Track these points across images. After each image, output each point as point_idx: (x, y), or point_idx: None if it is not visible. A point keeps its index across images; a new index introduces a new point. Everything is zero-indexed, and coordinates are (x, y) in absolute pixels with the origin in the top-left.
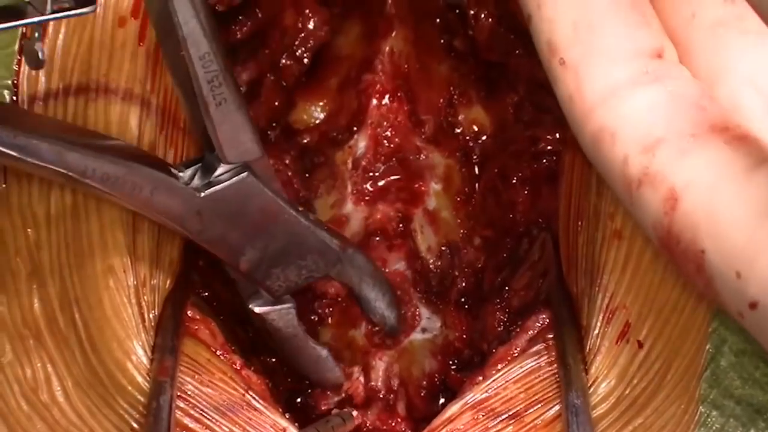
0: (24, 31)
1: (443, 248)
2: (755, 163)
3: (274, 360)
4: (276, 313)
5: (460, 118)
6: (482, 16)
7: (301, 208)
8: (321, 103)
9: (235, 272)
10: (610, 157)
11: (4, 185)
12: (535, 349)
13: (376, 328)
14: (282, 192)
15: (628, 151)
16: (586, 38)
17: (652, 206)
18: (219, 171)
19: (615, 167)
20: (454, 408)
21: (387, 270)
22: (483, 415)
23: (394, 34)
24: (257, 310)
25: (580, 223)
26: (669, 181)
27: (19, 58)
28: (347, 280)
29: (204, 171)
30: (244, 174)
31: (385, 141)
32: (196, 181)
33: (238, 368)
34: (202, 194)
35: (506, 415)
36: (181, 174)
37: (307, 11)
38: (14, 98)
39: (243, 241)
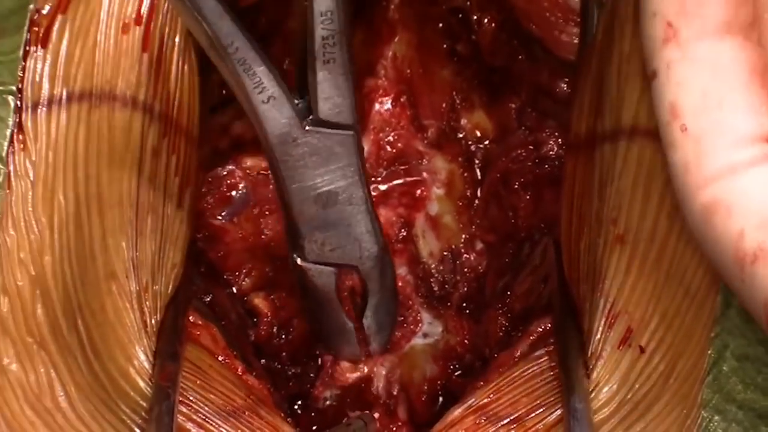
0: (27, 38)
1: (445, 253)
2: None
3: (276, 364)
4: (318, 270)
5: (462, 122)
6: (485, 21)
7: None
8: None
9: (287, 218)
10: (723, 230)
11: (7, 191)
12: (536, 353)
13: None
14: (363, 168)
15: (744, 225)
16: (714, 111)
17: (767, 282)
18: (314, 120)
19: (728, 241)
20: (455, 413)
21: None
22: (485, 420)
23: (397, 38)
24: (299, 262)
25: (582, 228)
26: None
27: (23, 64)
28: (369, 282)
29: (302, 109)
30: (350, 132)
31: (388, 146)
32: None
33: (240, 373)
34: (307, 127)
35: (508, 420)
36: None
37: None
38: (18, 104)
39: (310, 191)
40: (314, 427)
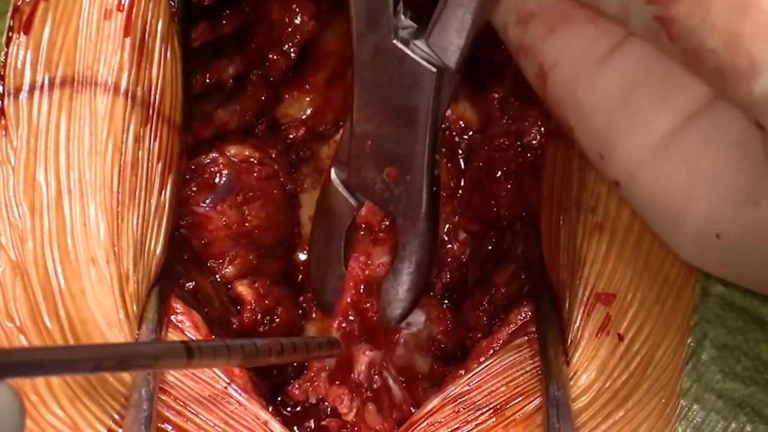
0: (11, 24)
1: None
2: (614, 45)
3: None
4: (341, 196)
5: (447, 113)
6: None
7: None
8: (307, 98)
9: (348, 130)
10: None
11: None
12: (516, 342)
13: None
14: (439, 123)
15: (506, 19)
16: None
17: (529, 75)
18: (420, 44)
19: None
20: (435, 401)
21: (371, 264)
22: (464, 408)
23: None
24: (333, 176)
25: (561, 216)
26: (538, 57)
27: (6, 50)
28: (402, 238)
29: (415, 32)
30: (433, 69)
31: None
32: (402, 31)
33: None
34: (394, 41)
35: (487, 408)
36: (402, 16)
37: (294, 6)
38: (0, 90)
39: (376, 108)
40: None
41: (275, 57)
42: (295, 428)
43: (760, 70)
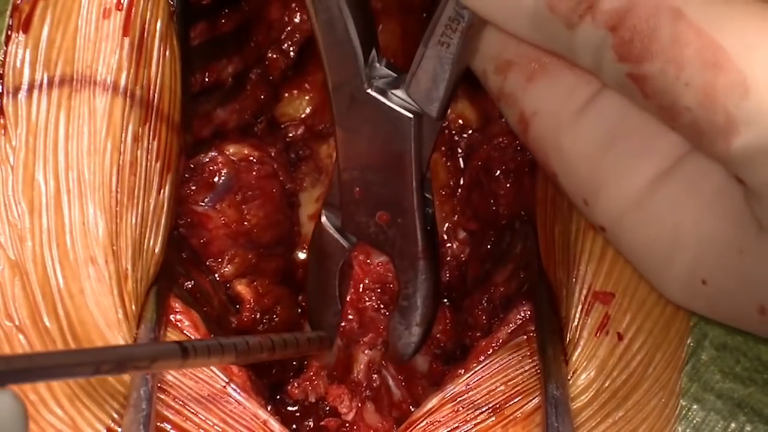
0: (10, 22)
1: None
2: (594, 92)
3: None
4: (332, 239)
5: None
6: None
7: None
8: (307, 97)
9: (336, 176)
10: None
11: None
12: (516, 341)
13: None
14: (424, 166)
15: (485, 67)
16: None
17: (510, 121)
18: (398, 93)
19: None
20: (434, 400)
21: (371, 263)
22: (463, 407)
23: (380, 28)
24: (323, 219)
25: (555, 214)
26: (519, 105)
27: (5, 48)
28: (403, 276)
29: (393, 81)
30: (410, 115)
31: None
32: (378, 81)
33: None
34: (368, 90)
35: (486, 407)
36: (377, 64)
37: (293, 5)
38: None
39: (359, 155)
40: (290, 413)
41: (274, 56)
42: (294, 427)
43: (737, 126)
